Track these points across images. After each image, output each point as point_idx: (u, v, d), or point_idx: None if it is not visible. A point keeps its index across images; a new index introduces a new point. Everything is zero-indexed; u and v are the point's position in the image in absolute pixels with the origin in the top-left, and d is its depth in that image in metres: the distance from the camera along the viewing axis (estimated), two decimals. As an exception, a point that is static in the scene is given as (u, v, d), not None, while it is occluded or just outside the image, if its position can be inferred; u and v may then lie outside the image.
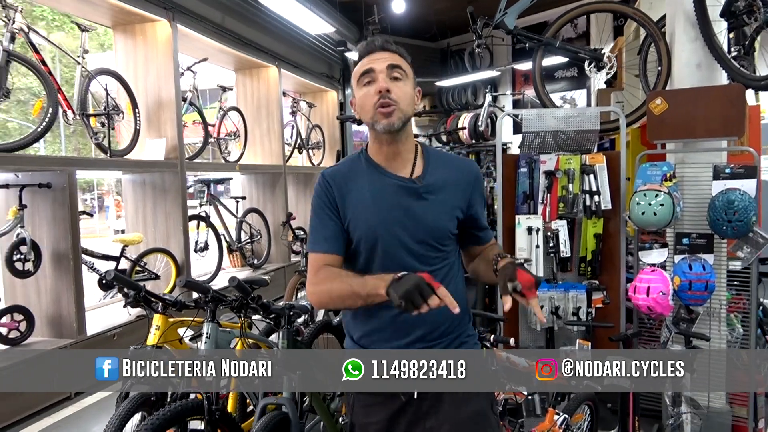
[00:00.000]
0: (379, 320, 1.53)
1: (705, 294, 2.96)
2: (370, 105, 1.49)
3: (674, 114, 3.07)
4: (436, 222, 1.53)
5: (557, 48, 3.49)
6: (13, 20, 3.90)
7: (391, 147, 1.53)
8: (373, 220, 1.52)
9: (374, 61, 1.50)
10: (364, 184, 1.54)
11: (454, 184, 1.57)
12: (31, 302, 4.17)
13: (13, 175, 4.03)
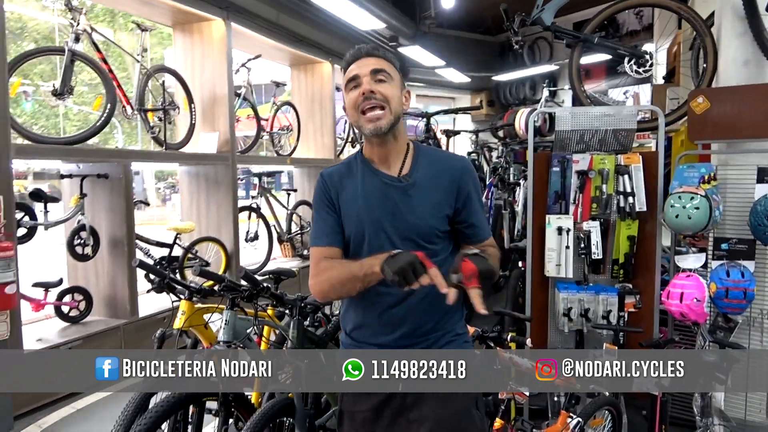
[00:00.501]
0: (369, 315, 1.58)
1: (743, 302, 2.83)
2: (355, 107, 1.54)
3: (717, 113, 2.93)
4: (421, 220, 1.55)
5: (595, 45, 3.39)
6: (78, 22, 4.19)
7: (381, 148, 1.58)
8: (361, 217, 1.57)
9: (360, 67, 1.54)
10: (357, 183, 1.60)
11: (440, 181, 1.58)
12: (90, 284, 4.50)
13: (75, 166, 4.35)
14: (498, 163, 5.17)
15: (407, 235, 1.54)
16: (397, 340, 1.55)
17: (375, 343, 1.57)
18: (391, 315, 1.55)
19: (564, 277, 3.24)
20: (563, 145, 3.31)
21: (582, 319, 3.20)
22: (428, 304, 1.54)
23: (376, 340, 1.58)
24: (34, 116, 15.33)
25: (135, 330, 4.47)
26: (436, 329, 1.57)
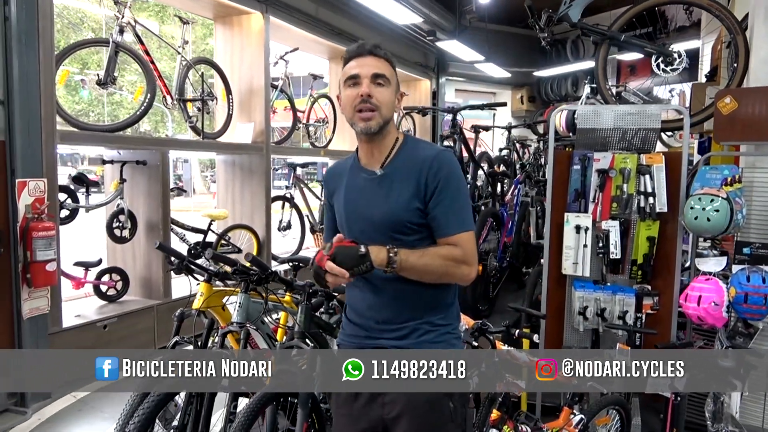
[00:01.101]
0: (357, 299, 1.69)
1: (763, 308, 2.77)
2: (351, 106, 1.60)
3: (744, 114, 2.87)
4: (391, 212, 1.59)
5: (622, 42, 3.34)
6: (123, 15, 4.40)
7: (370, 145, 1.65)
8: (343, 211, 1.67)
9: (361, 66, 1.60)
10: (345, 180, 1.70)
11: (410, 173, 1.60)
12: (127, 265, 4.74)
13: (116, 152, 4.58)
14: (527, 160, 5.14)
15: (380, 227, 1.60)
16: (379, 323, 1.64)
17: (361, 324, 1.67)
18: (372, 300, 1.64)
19: (581, 276, 3.23)
20: (586, 143, 3.29)
21: (598, 319, 3.19)
22: (401, 293, 1.60)
23: (362, 321, 1.67)
24: (91, 104, 16.02)
25: (167, 311, 4.66)
26: (414, 318, 1.62)
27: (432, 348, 1.62)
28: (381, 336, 1.64)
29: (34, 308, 3.55)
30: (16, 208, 3.42)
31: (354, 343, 1.69)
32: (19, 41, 3.40)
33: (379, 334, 1.64)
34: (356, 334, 1.69)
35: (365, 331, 1.66)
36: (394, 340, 1.62)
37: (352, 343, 1.70)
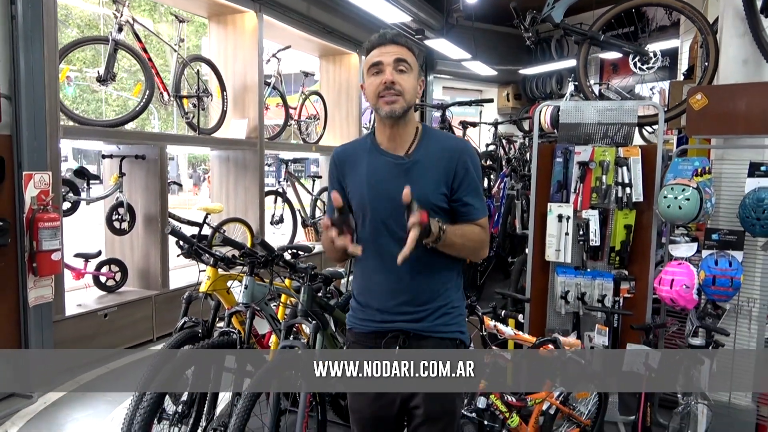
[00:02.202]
0: (374, 282, 1.73)
1: (730, 290, 2.98)
2: (375, 93, 1.66)
3: (714, 110, 3.08)
4: (420, 196, 1.60)
5: (602, 42, 3.55)
6: (122, 13, 4.52)
7: (393, 130, 1.70)
8: (365, 193, 1.70)
9: (383, 54, 1.66)
10: (363, 162, 1.73)
11: (439, 160, 1.69)
12: (125, 257, 4.87)
13: (115, 147, 4.70)
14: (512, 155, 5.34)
15: (403, 206, 1.59)
16: (399, 305, 1.68)
17: (377, 308, 1.70)
18: (392, 282, 1.68)
19: (563, 262, 3.43)
20: (568, 137, 3.49)
21: (578, 302, 3.40)
22: (426, 275, 1.67)
23: (378, 304, 1.70)
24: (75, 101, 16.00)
25: (165, 301, 4.81)
26: (434, 299, 1.69)
27: (446, 329, 1.71)
28: (398, 319, 1.68)
29: (39, 296, 3.68)
30: (23, 199, 3.55)
31: (370, 327, 1.72)
32: (25, 39, 3.53)
33: (397, 317, 1.68)
34: (371, 318, 1.72)
35: (381, 314, 1.70)
36: (412, 323, 1.68)
37: (367, 327, 1.73)
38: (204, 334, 2.60)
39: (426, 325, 1.69)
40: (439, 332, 1.71)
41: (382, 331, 1.70)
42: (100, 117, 15.33)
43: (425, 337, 1.69)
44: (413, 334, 1.69)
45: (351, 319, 1.80)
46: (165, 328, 4.71)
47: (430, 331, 1.70)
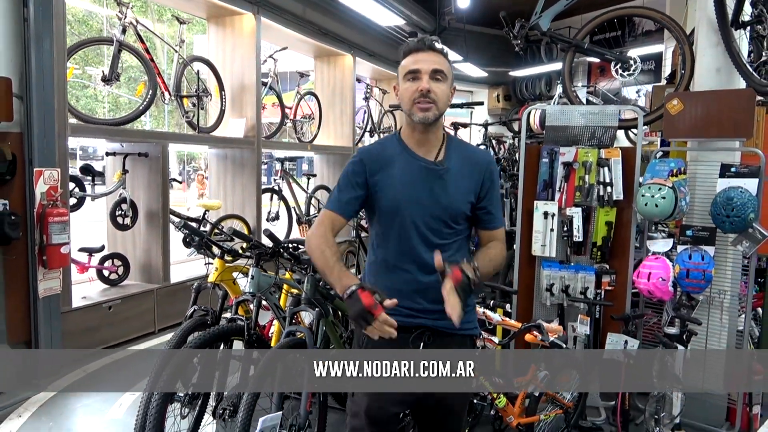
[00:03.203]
0: (401, 281, 1.76)
1: (702, 282, 3.21)
2: (410, 99, 1.72)
3: (689, 114, 3.30)
4: (451, 201, 1.74)
5: (586, 50, 3.76)
6: (125, 15, 4.68)
7: (423, 135, 1.77)
8: (398, 194, 1.74)
9: (421, 62, 1.70)
10: (395, 163, 1.77)
11: (470, 171, 1.79)
12: (127, 251, 5.02)
13: (119, 145, 4.86)
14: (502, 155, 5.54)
15: (438, 213, 1.73)
16: (425, 303, 1.74)
17: (403, 305, 1.67)
18: (418, 281, 1.74)
19: (548, 257, 3.63)
20: (554, 138, 3.70)
21: (563, 295, 3.61)
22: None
23: (404, 302, 1.69)
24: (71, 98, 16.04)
25: (167, 294, 4.98)
26: None
27: (468, 326, 1.80)
28: (423, 316, 1.74)
29: (48, 288, 3.83)
30: (33, 195, 3.70)
31: (395, 319, 1.66)
32: (36, 41, 3.68)
33: (422, 315, 1.74)
34: (396, 313, 1.63)
35: (407, 310, 1.73)
36: (437, 320, 1.73)
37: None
38: (212, 321, 2.77)
39: (450, 322, 1.68)
40: (462, 330, 1.77)
41: (406, 326, 1.71)
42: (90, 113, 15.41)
43: (450, 334, 1.76)
44: (438, 331, 1.75)
45: None
46: (167, 321, 4.87)
47: (454, 329, 1.72)
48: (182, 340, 2.62)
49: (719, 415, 3.40)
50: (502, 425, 2.96)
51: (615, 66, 3.78)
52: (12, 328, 3.73)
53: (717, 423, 3.34)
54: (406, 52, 1.76)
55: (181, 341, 2.61)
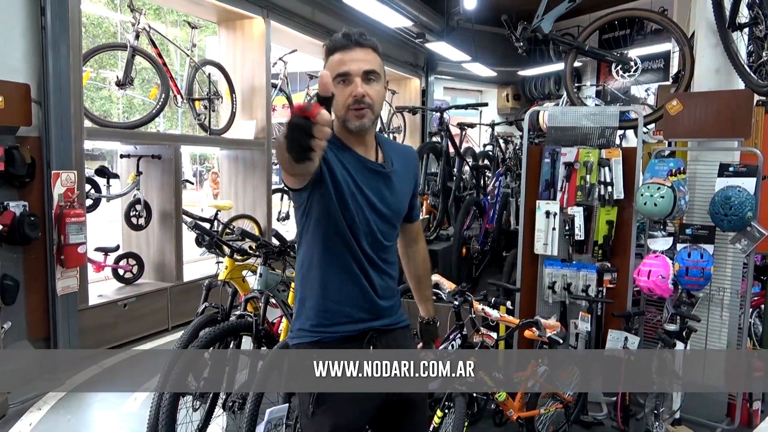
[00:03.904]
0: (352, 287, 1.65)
1: (701, 280, 3.26)
2: (343, 104, 1.56)
3: (688, 115, 3.35)
4: (398, 203, 1.70)
5: (586, 51, 3.82)
6: (138, 21, 4.81)
7: (359, 137, 1.64)
8: (361, 201, 1.60)
9: (350, 62, 1.54)
10: (349, 166, 1.61)
11: (408, 171, 1.75)
12: (142, 251, 5.16)
13: (133, 147, 5.00)
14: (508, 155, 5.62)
15: (387, 215, 1.67)
16: (373, 305, 1.67)
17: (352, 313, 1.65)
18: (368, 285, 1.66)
19: (550, 255, 3.70)
20: (556, 139, 3.77)
21: (565, 292, 3.68)
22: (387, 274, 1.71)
23: (354, 309, 1.66)
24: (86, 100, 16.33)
25: (180, 292, 5.11)
26: (393, 295, 1.75)
27: (403, 318, 1.78)
28: (371, 317, 1.67)
29: (66, 287, 3.97)
30: (51, 196, 3.84)
31: (340, 333, 1.64)
32: (53, 48, 3.82)
33: (368, 316, 1.67)
34: (341, 322, 1.65)
35: (356, 316, 1.66)
36: (380, 320, 1.69)
37: (336, 334, 1.64)
38: (222, 318, 2.88)
39: (392, 319, 1.73)
40: (401, 322, 1.77)
41: (357, 334, 1.66)
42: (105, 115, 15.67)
43: (390, 330, 1.73)
44: (381, 329, 1.70)
45: (319, 330, 1.65)
46: (180, 318, 5.01)
47: (396, 324, 1.74)
48: (193, 336, 2.73)
49: (720, 410, 3.45)
50: (503, 419, 3.05)
51: (616, 67, 3.84)
52: (32, 325, 3.88)
53: (717, 418, 3.39)
54: (330, 50, 1.58)
55: (192, 337, 2.72)
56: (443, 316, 3.77)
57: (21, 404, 3.45)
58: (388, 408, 1.70)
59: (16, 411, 3.38)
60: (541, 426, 3.09)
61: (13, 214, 3.58)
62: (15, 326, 3.74)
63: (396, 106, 9.14)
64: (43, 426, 3.25)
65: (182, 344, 2.64)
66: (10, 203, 3.60)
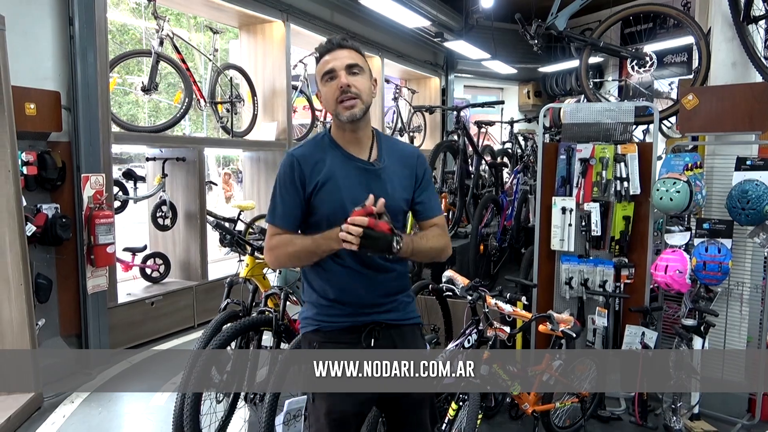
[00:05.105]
0: (351, 281, 1.75)
1: (719, 275, 3.25)
2: (333, 99, 1.69)
3: (704, 109, 3.34)
4: (392, 199, 1.69)
5: (601, 48, 3.82)
6: (162, 28, 4.96)
7: (353, 134, 1.74)
8: (341, 197, 1.70)
9: (335, 60, 1.69)
10: (331, 165, 1.72)
11: (403, 167, 1.80)
12: (168, 250, 5.32)
13: (158, 150, 5.15)
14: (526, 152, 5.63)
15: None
16: (374, 299, 1.76)
17: (353, 304, 1.75)
18: (367, 279, 1.75)
19: (567, 251, 3.72)
20: (571, 135, 3.78)
21: (582, 288, 3.69)
22: (393, 271, 1.79)
23: (354, 300, 1.75)
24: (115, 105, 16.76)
25: (205, 291, 5.25)
26: (400, 290, 1.83)
27: (412, 315, 1.85)
28: (373, 311, 1.76)
29: (96, 285, 4.13)
30: (81, 199, 4.00)
31: (344, 323, 1.75)
32: (81, 56, 3.98)
33: (372, 310, 1.75)
34: (345, 313, 1.75)
35: (358, 309, 1.75)
36: (385, 314, 1.77)
37: (341, 323, 1.75)
38: (244, 313, 2.98)
39: (399, 315, 1.80)
40: (408, 320, 1.84)
41: (357, 326, 1.74)
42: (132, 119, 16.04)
43: (398, 326, 1.80)
44: (386, 324, 1.77)
45: (319, 318, 1.77)
46: (205, 316, 5.14)
47: (401, 320, 1.81)
48: (216, 331, 2.83)
49: (740, 405, 3.43)
50: (518, 413, 3.09)
51: (631, 63, 3.84)
52: (64, 322, 4.04)
53: (737, 414, 3.37)
54: (317, 58, 1.76)
55: (215, 331, 2.82)
56: (459, 311, 3.84)
57: (55, 397, 3.60)
58: (386, 397, 1.78)
59: (51, 404, 3.53)
60: (557, 420, 3.12)
61: (46, 216, 3.75)
62: (49, 323, 3.91)
63: (413, 106, 9.20)
64: (75, 418, 3.39)
65: (205, 338, 2.74)
66: (43, 206, 3.77)
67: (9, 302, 3.40)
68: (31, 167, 3.68)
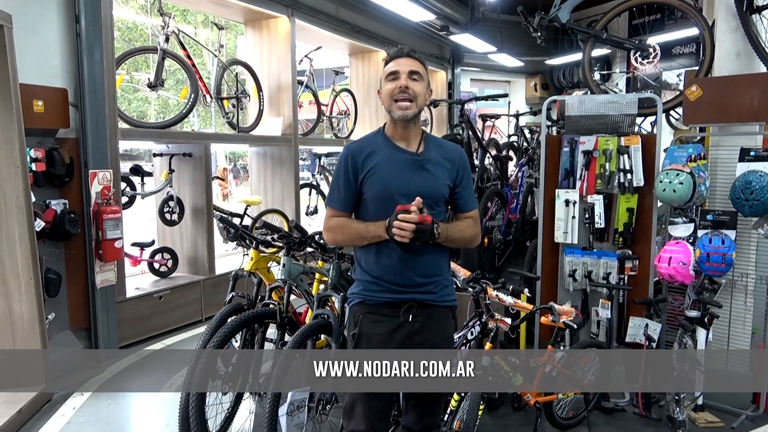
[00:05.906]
0: (393, 260, 1.98)
1: (723, 266, 3.25)
2: (390, 95, 1.96)
3: (708, 100, 3.33)
4: (432, 186, 1.98)
5: (605, 40, 3.81)
6: (168, 25, 4.99)
7: (404, 130, 2.01)
8: (388, 182, 1.96)
9: (400, 65, 1.97)
10: (381, 155, 1.99)
11: (446, 162, 2.04)
12: (176, 245, 5.37)
13: (165, 146, 5.20)
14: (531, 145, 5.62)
15: (423, 196, 1.92)
16: (414, 279, 1.97)
17: (394, 282, 1.97)
18: (408, 260, 1.96)
19: (571, 243, 3.73)
20: (574, 128, 3.78)
21: (586, 280, 3.70)
22: (433, 253, 1.99)
23: (396, 279, 1.97)
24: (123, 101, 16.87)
25: (212, 285, 5.30)
26: (439, 273, 2.02)
27: (449, 298, 2.06)
28: (412, 290, 1.96)
29: (104, 279, 4.18)
30: (89, 194, 4.05)
31: (384, 298, 1.97)
32: (88, 53, 4.02)
33: (412, 289, 1.96)
34: (387, 290, 1.97)
35: (399, 287, 1.96)
36: (423, 294, 1.97)
37: (382, 298, 1.98)
38: (249, 306, 3.02)
39: (436, 296, 2.01)
40: (445, 301, 2.04)
41: (396, 302, 1.97)
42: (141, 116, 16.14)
43: (434, 305, 2.00)
44: (424, 303, 1.98)
45: (363, 293, 2.02)
46: (212, 310, 5.19)
47: (438, 301, 2.02)
48: (221, 323, 2.86)
49: (745, 396, 3.43)
50: (521, 403, 3.11)
51: (635, 54, 3.82)
52: (74, 316, 4.10)
53: (742, 405, 3.37)
54: (387, 60, 2.02)
55: (220, 323, 2.85)
56: (462, 303, 3.86)
57: (66, 389, 3.67)
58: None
59: (62, 396, 3.59)
60: (560, 411, 3.14)
61: (55, 212, 3.80)
62: (58, 317, 3.97)
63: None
64: (85, 409, 3.45)
65: (211, 330, 2.78)
66: (51, 201, 3.82)
67: (19, 297, 3.46)
68: (39, 164, 3.73)
